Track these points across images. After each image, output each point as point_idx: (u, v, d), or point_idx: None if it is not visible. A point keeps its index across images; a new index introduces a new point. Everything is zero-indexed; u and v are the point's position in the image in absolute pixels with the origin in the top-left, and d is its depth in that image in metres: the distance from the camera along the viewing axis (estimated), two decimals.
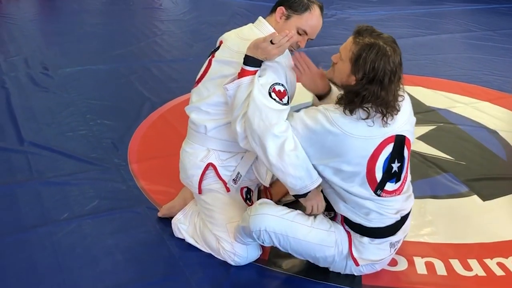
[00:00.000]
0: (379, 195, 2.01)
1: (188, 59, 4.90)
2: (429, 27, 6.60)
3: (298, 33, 2.20)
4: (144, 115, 3.71)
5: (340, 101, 1.93)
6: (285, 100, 2.04)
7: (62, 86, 4.17)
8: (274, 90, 2.02)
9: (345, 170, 1.97)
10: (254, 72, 2.05)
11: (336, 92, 2.16)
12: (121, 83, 4.33)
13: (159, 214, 2.57)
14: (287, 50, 2.19)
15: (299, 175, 1.97)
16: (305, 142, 1.97)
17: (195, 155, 2.31)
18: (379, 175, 1.98)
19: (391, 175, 2.00)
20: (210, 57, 2.32)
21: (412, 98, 2.14)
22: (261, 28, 2.25)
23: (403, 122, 2.00)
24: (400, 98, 1.96)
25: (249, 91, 2.02)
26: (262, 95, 1.99)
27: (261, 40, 2.03)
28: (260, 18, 2.28)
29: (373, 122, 1.90)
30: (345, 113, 1.90)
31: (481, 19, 7.12)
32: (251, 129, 1.99)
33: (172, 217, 2.49)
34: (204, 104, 2.26)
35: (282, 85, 2.06)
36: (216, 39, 2.40)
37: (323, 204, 2.10)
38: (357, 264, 2.13)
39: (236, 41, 2.25)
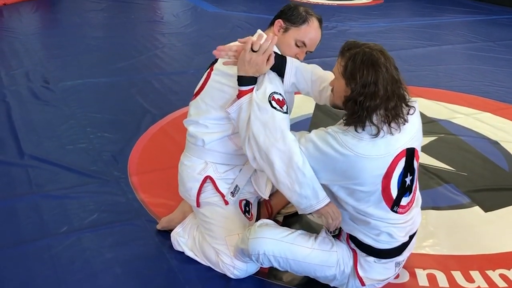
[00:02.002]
0: (395, 212, 1.99)
1: (189, 71, 4.90)
2: (430, 38, 6.61)
3: (296, 45, 2.20)
4: (144, 128, 3.70)
5: (347, 121, 1.90)
6: (284, 108, 2.03)
7: (63, 100, 4.17)
8: (273, 99, 2.01)
9: (360, 190, 1.93)
10: (252, 90, 2.04)
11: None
12: (122, 96, 4.33)
13: (158, 227, 2.56)
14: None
15: (305, 194, 1.94)
16: (316, 164, 1.93)
17: (193, 168, 2.30)
18: (394, 192, 1.96)
19: (405, 189, 1.99)
20: (208, 69, 2.31)
21: None
22: None
23: (413, 134, 1.97)
24: (411, 111, 1.94)
25: (250, 111, 2.00)
26: (263, 110, 1.98)
27: (243, 54, 2.02)
28: (259, 31, 2.26)
29: (384, 133, 1.86)
30: (356, 131, 1.86)
31: (481, 30, 7.13)
32: (258, 146, 1.97)
33: (171, 230, 2.47)
34: (202, 118, 2.25)
35: (280, 94, 2.05)
36: None
37: (337, 210, 2.01)
38: (363, 284, 2.10)
39: None
